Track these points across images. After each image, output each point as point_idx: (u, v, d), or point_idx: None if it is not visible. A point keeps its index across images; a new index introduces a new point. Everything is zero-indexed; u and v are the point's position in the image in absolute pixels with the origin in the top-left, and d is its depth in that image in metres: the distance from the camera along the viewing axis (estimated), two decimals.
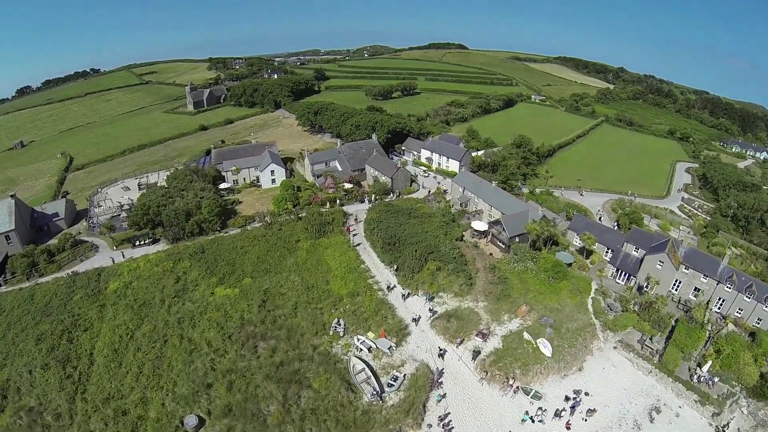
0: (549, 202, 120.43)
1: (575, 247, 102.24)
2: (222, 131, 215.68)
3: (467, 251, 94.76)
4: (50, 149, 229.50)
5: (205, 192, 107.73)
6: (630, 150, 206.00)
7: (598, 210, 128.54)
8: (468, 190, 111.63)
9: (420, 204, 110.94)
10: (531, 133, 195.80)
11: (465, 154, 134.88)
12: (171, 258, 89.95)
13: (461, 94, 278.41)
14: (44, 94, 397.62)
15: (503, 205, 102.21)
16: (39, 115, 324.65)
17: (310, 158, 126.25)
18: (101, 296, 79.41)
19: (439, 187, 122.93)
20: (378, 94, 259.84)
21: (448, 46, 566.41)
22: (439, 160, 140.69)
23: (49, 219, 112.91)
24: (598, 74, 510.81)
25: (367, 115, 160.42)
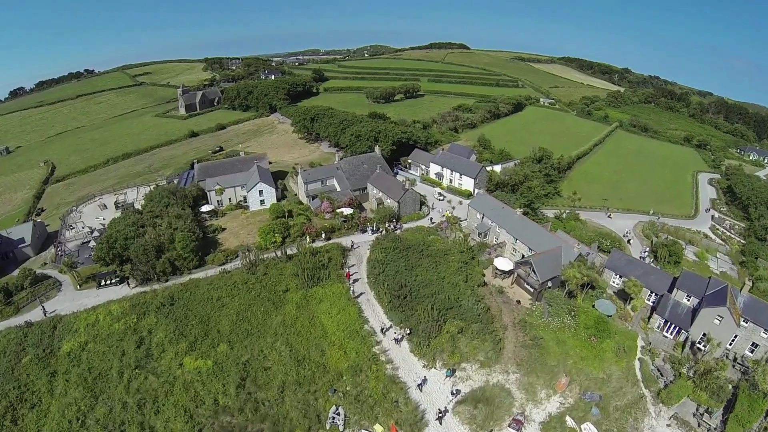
0: (577, 230, 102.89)
1: (613, 288, 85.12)
2: (213, 138, 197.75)
3: (491, 299, 77.35)
4: (35, 156, 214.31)
5: (181, 220, 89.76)
6: (649, 159, 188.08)
7: (626, 232, 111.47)
8: (488, 218, 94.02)
9: (433, 237, 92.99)
10: (544, 140, 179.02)
11: (480, 170, 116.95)
12: (135, 310, 73.49)
13: (467, 96, 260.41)
14: (36, 96, 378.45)
15: (531, 238, 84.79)
16: (29, 119, 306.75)
17: (303, 176, 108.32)
18: (53, 359, 65.51)
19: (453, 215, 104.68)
20: (380, 97, 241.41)
21: (450, 45, 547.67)
22: (450, 176, 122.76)
23: (15, 246, 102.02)
24: (603, 75, 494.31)
25: (368, 124, 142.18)
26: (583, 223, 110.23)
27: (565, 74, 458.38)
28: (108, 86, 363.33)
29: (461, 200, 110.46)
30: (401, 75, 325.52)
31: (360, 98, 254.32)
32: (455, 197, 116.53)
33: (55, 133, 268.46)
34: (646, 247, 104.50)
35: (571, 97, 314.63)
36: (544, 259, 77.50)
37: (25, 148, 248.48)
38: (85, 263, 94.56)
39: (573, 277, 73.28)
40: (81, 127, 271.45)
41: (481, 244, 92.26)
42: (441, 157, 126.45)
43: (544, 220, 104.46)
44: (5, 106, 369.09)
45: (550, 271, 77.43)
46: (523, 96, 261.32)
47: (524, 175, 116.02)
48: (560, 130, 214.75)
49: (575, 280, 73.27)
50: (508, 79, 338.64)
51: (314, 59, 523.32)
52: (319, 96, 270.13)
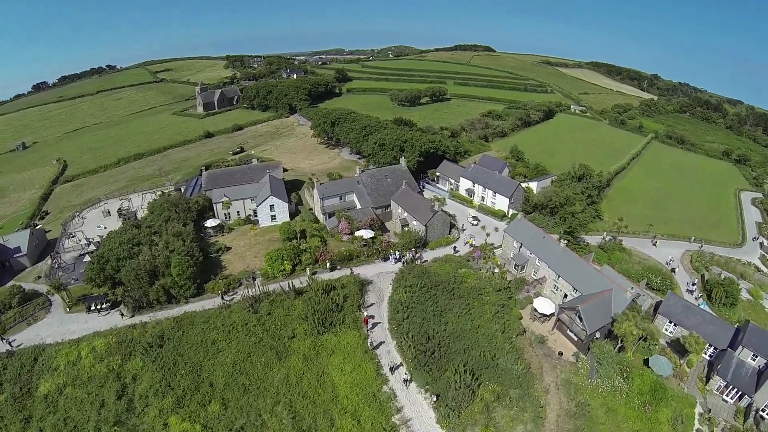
0: (623, 262, 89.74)
1: (665, 337, 71.80)
2: (228, 139, 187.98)
3: (531, 352, 64.96)
4: (50, 153, 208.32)
5: (179, 240, 78.94)
6: (688, 175, 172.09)
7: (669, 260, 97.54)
8: (526, 247, 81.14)
9: (465, 270, 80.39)
10: (578, 152, 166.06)
11: (516, 189, 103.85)
12: (121, 349, 64.33)
13: (495, 101, 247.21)
14: (57, 91, 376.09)
15: (576, 276, 72.13)
16: (48, 114, 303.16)
17: (320, 190, 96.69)
18: (30, 401, 59.00)
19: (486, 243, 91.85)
20: (405, 100, 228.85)
21: (476, 48, 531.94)
22: (482, 193, 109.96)
23: (11, 255, 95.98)
24: (632, 81, 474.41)
25: (393, 131, 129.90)
26: (628, 253, 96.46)
27: (594, 80, 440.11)
28: (128, 82, 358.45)
29: (497, 226, 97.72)
30: (426, 77, 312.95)
31: (384, 100, 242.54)
32: (490, 219, 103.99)
33: (72, 129, 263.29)
34: (694, 279, 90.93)
35: (603, 105, 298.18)
36: (593, 307, 64.65)
37: (42, 144, 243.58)
38: (79, 279, 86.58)
39: (629, 333, 60.44)
40: (98, 124, 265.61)
41: (519, 280, 79.34)
42: (472, 171, 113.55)
43: (586, 250, 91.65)
44: (27, 100, 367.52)
45: (599, 320, 64.86)
46: (553, 102, 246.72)
47: (565, 197, 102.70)
48: (594, 140, 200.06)
49: (631, 338, 60.37)
50: (536, 84, 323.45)
51: (338, 59, 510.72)
52: (341, 97, 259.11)
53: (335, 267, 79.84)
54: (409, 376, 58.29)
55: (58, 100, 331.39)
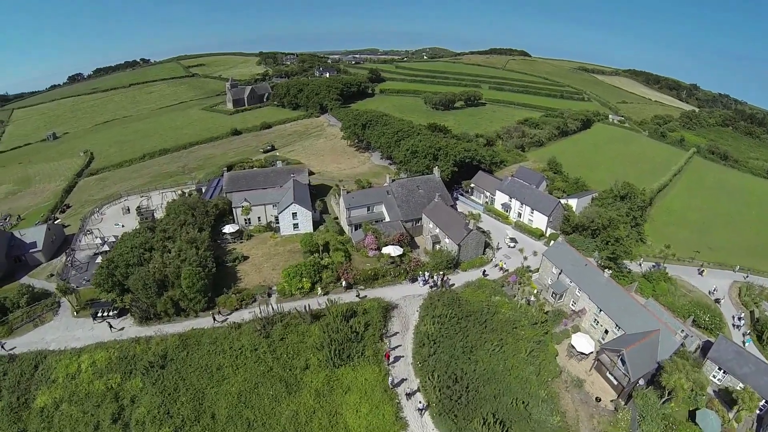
0: (669, 294, 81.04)
1: (713, 385, 63.44)
2: (255, 138, 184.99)
3: (566, 397, 57.83)
4: (78, 145, 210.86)
5: (193, 248, 74.48)
6: (732, 195, 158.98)
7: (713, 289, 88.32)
8: (566, 275, 73.64)
9: (499, 298, 73.37)
10: (618, 166, 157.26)
11: (556, 207, 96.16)
12: (121, 366, 61.21)
13: (530, 108, 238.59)
14: (91, 83, 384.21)
15: (619, 312, 64.48)
16: (81, 105, 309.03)
17: (346, 199, 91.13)
18: (26, 413, 57.84)
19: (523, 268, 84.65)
20: (439, 103, 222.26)
21: (511, 52, 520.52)
22: (519, 209, 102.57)
23: (26, 250, 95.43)
24: (670, 91, 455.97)
25: (427, 138, 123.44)
26: (673, 283, 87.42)
27: (631, 88, 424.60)
28: (160, 76, 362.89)
29: (535, 249, 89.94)
30: (461, 80, 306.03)
31: (417, 103, 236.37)
32: (526, 238, 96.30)
33: (103, 121, 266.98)
34: (741, 312, 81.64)
35: (641, 115, 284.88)
36: (638, 351, 56.98)
37: (72, 135, 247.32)
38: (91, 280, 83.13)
39: (679, 388, 52.71)
40: (128, 117, 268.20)
41: (557, 312, 71.86)
42: (509, 185, 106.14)
43: (628, 279, 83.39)
44: (61, 91, 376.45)
45: (644, 366, 57.42)
46: (590, 111, 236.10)
47: (609, 218, 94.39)
48: (634, 153, 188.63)
49: (682, 393, 52.74)
50: (573, 91, 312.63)
51: (371, 59, 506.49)
52: (374, 98, 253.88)
53: (351, 286, 74.01)
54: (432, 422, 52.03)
55: (92, 92, 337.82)
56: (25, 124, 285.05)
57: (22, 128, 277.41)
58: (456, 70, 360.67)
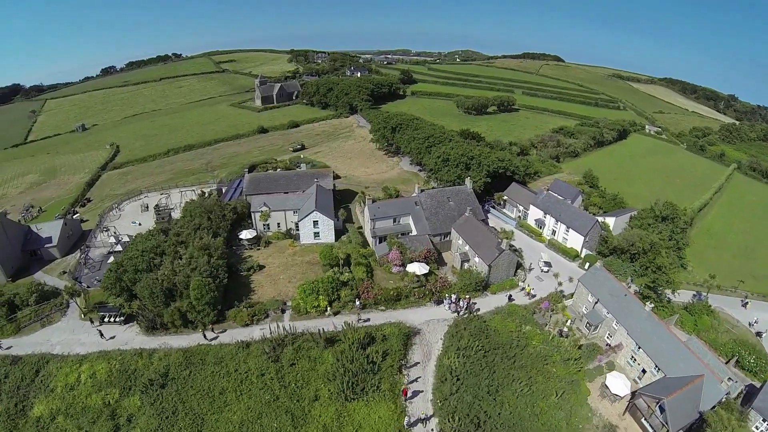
0: (711, 331, 73.86)
1: None
2: (282, 137, 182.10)
3: None
4: (106, 137, 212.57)
5: (205, 255, 70.80)
6: None
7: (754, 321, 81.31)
8: (603, 304, 67.06)
9: (530, 328, 67.37)
10: (656, 181, 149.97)
11: (593, 226, 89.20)
12: (121, 380, 58.51)
13: (565, 115, 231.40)
14: (123, 76, 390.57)
15: (661, 352, 58.02)
16: (111, 97, 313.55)
17: (371, 209, 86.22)
18: (22, 421, 56.36)
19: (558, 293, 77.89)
20: (471, 108, 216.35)
21: (544, 57, 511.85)
22: (554, 226, 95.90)
23: (42, 244, 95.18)
24: (707, 101, 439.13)
25: (459, 146, 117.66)
26: (716, 317, 79.60)
27: (668, 97, 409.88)
28: (191, 71, 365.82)
29: (570, 276, 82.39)
30: (494, 84, 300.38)
31: (449, 106, 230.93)
32: (560, 259, 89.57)
33: (132, 114, 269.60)
34: None
35: (679, 127, 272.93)
36: (680, 400, 50.56)
37: (101, 127, 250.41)
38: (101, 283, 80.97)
39: None
40: (157, 110, 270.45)
41: (591, 347, 65.32)
42: (544, 199, 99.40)
43: (668, 310, 76.29)
44: (94, 83, 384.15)
45: (685, 417, 51.03)
46: (626, 121, 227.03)
47: (650, 243, 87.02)
48: (672, 167, 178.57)
49: None
50: (608, 99, 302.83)
51: (403, 59, 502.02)
52: (405, 100, 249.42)
53: (365, 306, 69.06)
54: None
55: (123, 85, 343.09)
56: (57, 115, 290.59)
57: (54, 118, 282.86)
58: (489, 73, 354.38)
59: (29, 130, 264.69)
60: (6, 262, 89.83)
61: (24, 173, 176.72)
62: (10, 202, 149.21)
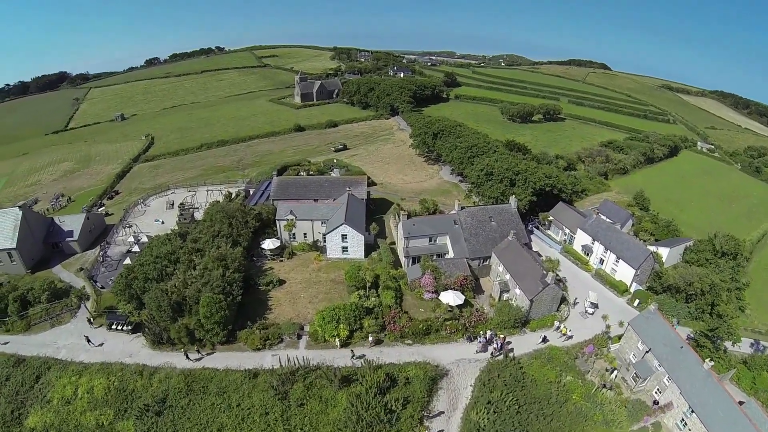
0: None
1: None
2: (319, 136, 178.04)
3: None
4: (142, 128, 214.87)
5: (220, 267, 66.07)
6: None
7: None
8: (654, 355, 58.50)
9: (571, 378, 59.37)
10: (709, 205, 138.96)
11: (647, 258, 79.91)
12: (117, 400, 55.84)
13: (612, 127, 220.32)
14: (166, 68, 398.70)
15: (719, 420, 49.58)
16: (153, 88, 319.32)
17: (405, 227, 79.91)
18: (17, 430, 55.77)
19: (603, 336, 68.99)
20: (516, 115, 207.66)
21: (591, 64, 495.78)
22: (603, 254, 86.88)
23: (63, 238, 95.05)
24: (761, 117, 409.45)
25: (504, 158, 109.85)
26: None
27: (719, 112, 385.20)
28: (233, 65, 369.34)
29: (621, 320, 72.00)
30: (539, 91, 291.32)
31: (493, 112, 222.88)
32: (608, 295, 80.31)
33: (171, 105, 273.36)
34: None
35: (733, 144, 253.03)
36: None
37: (139, 117, 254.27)
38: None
39: None
40: (195, 103, 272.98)
41: (637, 404, 56.87)
42: (593, 224, 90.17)
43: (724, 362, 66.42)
44: (137, 74, 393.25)
45: None
46: (677, 136, 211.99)
47: (710, 284, 77.26)
48: (726, 190, 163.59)
49: None
50: (657, 112, 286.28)
51: (448, 61, 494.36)
52: (448, 103, 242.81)
53: (380, 342, 62.66)
54: None
55: (165, 76, 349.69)
56: (99, 104, 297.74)
57: (95, 107, 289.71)
58: (534, 79, 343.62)
59: (70, 117, 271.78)
60: (27, 253, 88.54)
61: (60, 160, 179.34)
62: (42, 189, 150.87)
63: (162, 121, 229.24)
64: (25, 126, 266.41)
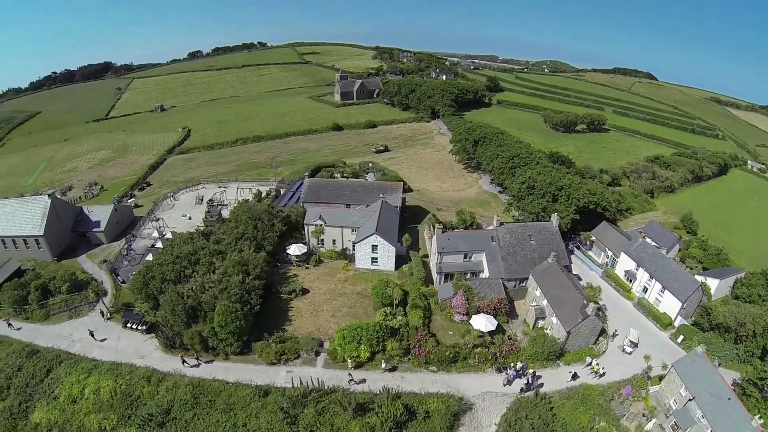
0: None
1: None
2: (357, 137, 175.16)
3: None
4: (181, 120, 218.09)
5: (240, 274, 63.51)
6: None
7: None
8: (698, 405, 52.26)
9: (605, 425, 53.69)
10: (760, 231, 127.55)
11: (695, 291, 72.95)
12: (122, 405, 54.98)
13: (658, 141, 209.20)
14: (208, 61, 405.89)
15: None
16: (193, 81, 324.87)
17: (439, 241, 75.58)
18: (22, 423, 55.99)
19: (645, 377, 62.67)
20: (559, 124, 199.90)
21: (636, 73, 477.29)
22: (647, 282, 79.90)
23: (90, 228, 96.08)
24: None
25: (547, 171, 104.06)
26: None
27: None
28: (274, 60, 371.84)
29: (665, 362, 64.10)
30: (583, 100, 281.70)
31: (536, 120, 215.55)
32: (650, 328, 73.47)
33: (210, 98, 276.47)
34: None
35: None
36: None
37: (178, 109, 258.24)
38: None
39: None
40: (235, 97, 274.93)
41: None
42: (639, 249, 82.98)
43: None
44: (179, 66, 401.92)
45: None
46: (727, 153, 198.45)
47: (764, 326, 69.66)
48: None
49: None
50: (705, 126, 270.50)
51: (491, 66, 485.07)
52: (490, 108, 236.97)
53: (395, 369, 58.51)
54: None
55: (206, 69, 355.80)
56: (140, 94, 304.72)
57: (137, 97, 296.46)
58: (578, 87, 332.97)
59: (112, 106, 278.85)
60: (54, 241, 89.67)
61: (98, 148, 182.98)
62: (78, 176, 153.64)
63: (200, 113, 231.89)
64: (68, 113, 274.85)
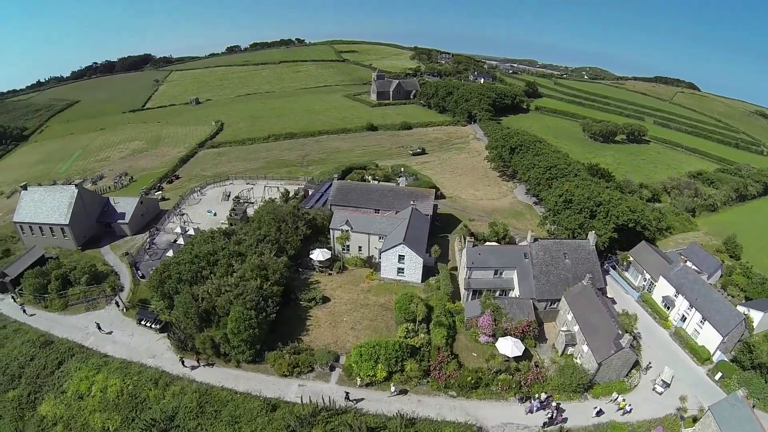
0: None
1: None
2: (391, 138, 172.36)
3: None
4: (215, 113, 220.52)
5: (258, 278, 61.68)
6: None
7: None
8: None
9: None
10: None
11: (738, 325, 66.50)
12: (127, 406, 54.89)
13: (700, 155, 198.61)
14: (245, 56, 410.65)
15: None
16: (230, 75, 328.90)
17: (469, 256, 72.00)
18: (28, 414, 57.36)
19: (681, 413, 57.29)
20: (598, 134, 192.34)
21: (678, 83, 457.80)
22: (686, 311, 73.51)
23: (115, 219, 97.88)
24: None
25: (586, 184, 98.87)
26: None
27: None
28: (311, 57, 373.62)
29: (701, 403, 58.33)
30: (623, 109, 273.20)
31: (574, 128, 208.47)
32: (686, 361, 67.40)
33: (245, 93, 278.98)
34: None
35: None
36: None
37: (213, 103, 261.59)
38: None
39: None
40: (270, 92, 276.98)
41: None
42: (679, 274, 76.36)
43: None
44: (217, 60, 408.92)
45: None
46: None
47: None
48: None
49: None
50: (749, 141, 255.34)
51: (529, 70, 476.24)
52: (528, 114, 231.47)
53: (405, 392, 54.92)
54: None
55: (243, 64, 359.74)
56: (177, 86, 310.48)
57: (173, 89, 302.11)
58: (618, 96, 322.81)
59: (149, 97, 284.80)
60: (79, 231, 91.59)
61: (131, 139, 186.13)
62: (109, 166, 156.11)
63: (234, 108, 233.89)
64: (106, 103, 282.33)
